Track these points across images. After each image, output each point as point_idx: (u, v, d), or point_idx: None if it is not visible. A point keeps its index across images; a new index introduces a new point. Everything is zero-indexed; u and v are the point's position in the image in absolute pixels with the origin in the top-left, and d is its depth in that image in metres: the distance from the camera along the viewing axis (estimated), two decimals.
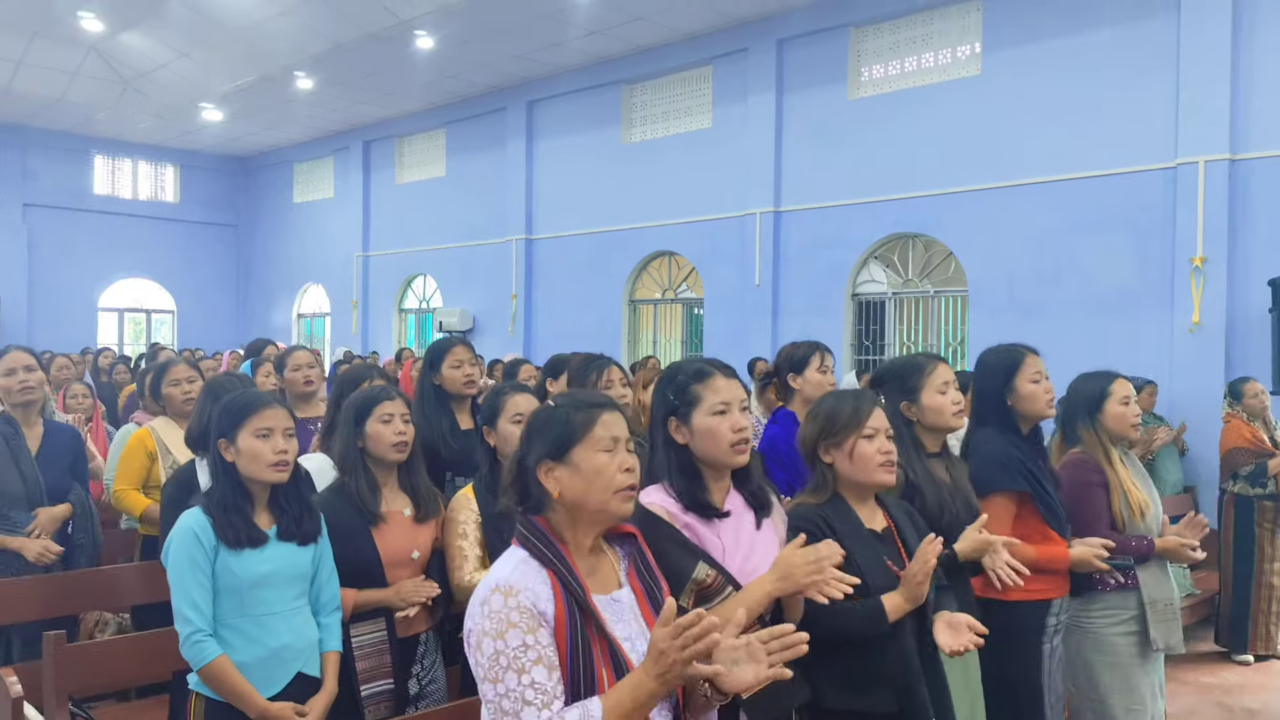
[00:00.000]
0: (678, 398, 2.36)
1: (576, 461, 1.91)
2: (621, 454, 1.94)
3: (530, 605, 1.79)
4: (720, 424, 2.31)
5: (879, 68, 10.54)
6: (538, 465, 1.93)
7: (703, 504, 2.32)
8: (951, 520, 2.91)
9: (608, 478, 1.90)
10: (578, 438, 1.92)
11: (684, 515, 2.29)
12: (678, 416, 2.35)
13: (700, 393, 2.34)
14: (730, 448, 2.31)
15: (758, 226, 11.18)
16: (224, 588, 2.60)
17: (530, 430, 1.99)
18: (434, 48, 12.31)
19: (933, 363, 3.14)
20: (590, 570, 1.94)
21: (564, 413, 1.96)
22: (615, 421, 1.96)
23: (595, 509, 1.91)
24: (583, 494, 1.90)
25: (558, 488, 1.91)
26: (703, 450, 2.32)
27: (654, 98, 12.76)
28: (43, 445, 4.09)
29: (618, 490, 1.91)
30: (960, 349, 10.03)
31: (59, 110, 16.11)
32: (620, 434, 1.95)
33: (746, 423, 2.36)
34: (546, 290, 13.93)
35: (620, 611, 1.94)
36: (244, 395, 2.75)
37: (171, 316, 19.59)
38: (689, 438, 2.33)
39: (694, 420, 2.32)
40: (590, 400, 1.99)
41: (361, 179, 17.11)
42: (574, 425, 1.93)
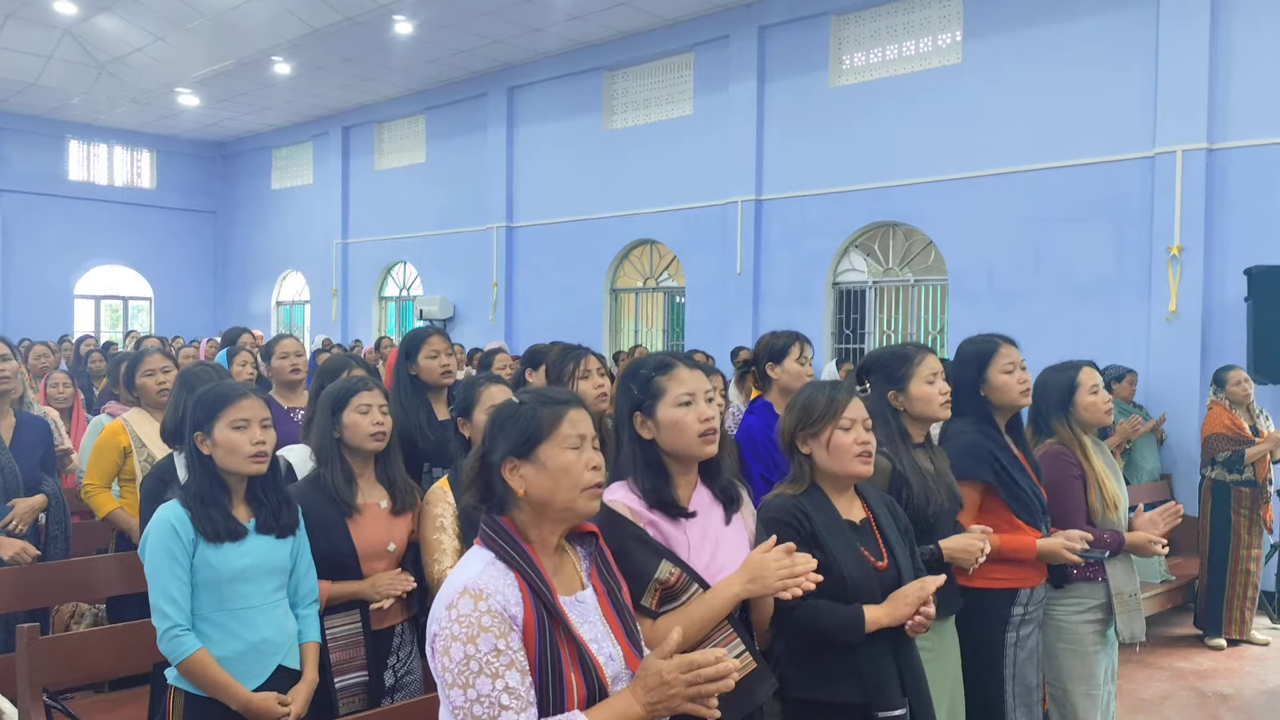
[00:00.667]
0: (641, 391, 2.33)
1: (543, 459, 1.88)
2: (588, 451, 1.91)
3: (501, 609, 1.76)
4: (686, 415, 2.29)
5: (860, 55, 10.53)
6: (503, 462, 1.89)
7: (668, 501, 2.29)
8: (938, 510, 2.93)
9: (575, 475, 1.88)
10: (544, 435, 1.89)
11: (648, 513, 2.27)
12: (642, 411, 2.32)
13: (664, 384, 2.31)
14: (698, 438, 2.28)
15: (739, 215, 11.17)
16: (202, 582, 2.57)
17: (494, 426, 1.95)
18: (413, 32, 12.21)
19: (921, 353, 3.15)
20: (554, 570, 1.92)
21: (530, 409, 1.92)
22: (582, 418, 1.93)
23: (562, 507, 1.89)
24: (549, 492, 1.87)
25: (523, 486, 1.88)
26: (669, 443, 2.30)
27: (635, 85, 12.71)
28: (15, 436, 4.05)
29: (585, 488, 1.89)
30: (940, 338, 10.07)
31: (32, 94, 15.89)
32: (587, 431, 1.93)
33: (713, 413, 2.33)
34: (528, 278, 13.88)
35: (585, 612, 1.92)
36: (219, 387, 2.72)
37: (149, 304, 19.41)
38: (655, 431, 2.31)
39: (659, 413, 2.30)
40: (556, 397, 1.97)
41: (341, 165, 16.97)
42: (540, 422, 1.90)
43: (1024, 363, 3.41)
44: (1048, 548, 3.23)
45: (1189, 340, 8.08)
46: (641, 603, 2.18)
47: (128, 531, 4.18)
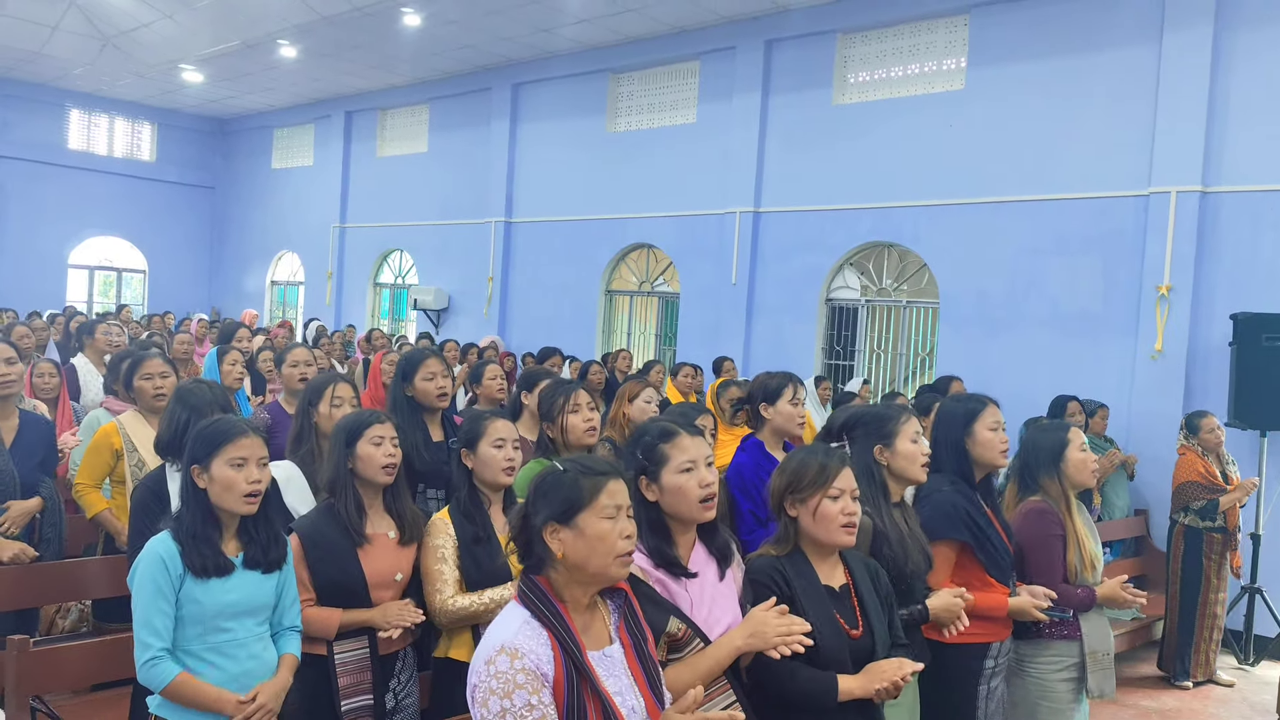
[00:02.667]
0: (646, 457, 2.48)
1: (581, 526, 2.04)
2: (623, 521, 2.07)
3: (534, 668, 1.93)
4: (688, 481, 2.46)
5: (865, 74, 10.59)
6: (544, 526, 2.05)
7: (671, 561, 2.46)
8: (914, 569, 3.02)
9: (610, 544, 2.04)
10: (584, 503, 2.05)
11: (655, 571, 2.44)
12: (647, 475, 2.47)
13: (668, 452, 2.48)
14: (699, 504, 2.46)
15: (737, 225, 11.24)
16: (188, 616, 2.62)
17: (538, 491, 2.10)
18: (421, 25, 12.22)
19: (905, 412, 3.25)
20: (585, 627, 2.08)
21: (572, 478, 2.08)
22: (619, 490, 2.09)
23: (595, 572, 2.05)
24: (585, 558, 2.03)
25: (561, 549, 2.04)
26: (672, 506, 2.46)
27: (640, 89, 12.75)
28: (17, 437, 4.10)
29: (618, 556, 2.05)
30: (929, 359, 10.17)
31: (37, 63, 15.84)
32: (623, 502, 2.08)
33: (713, 478, 2.48)
34: (523, 274, 13.93)
35: (611, 666, 2.07)
36: (220, 422, 2.77)
37: (143, 276, 19.38)
38: (659, 495, 2.46)
39: (663, 478, 2.46)
40: (597, 468, 2.12)
41: (342, 149, 16.97)
42: (581, 491, 2.06)
43: (1004, 425, 3.49)
44: (1018, 606, 3.33)
45: (1173, 380, 8.19)
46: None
47: (114, 534, 4.23)
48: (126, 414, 4.47)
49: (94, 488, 4.30)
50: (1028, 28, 9.20)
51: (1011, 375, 8.94)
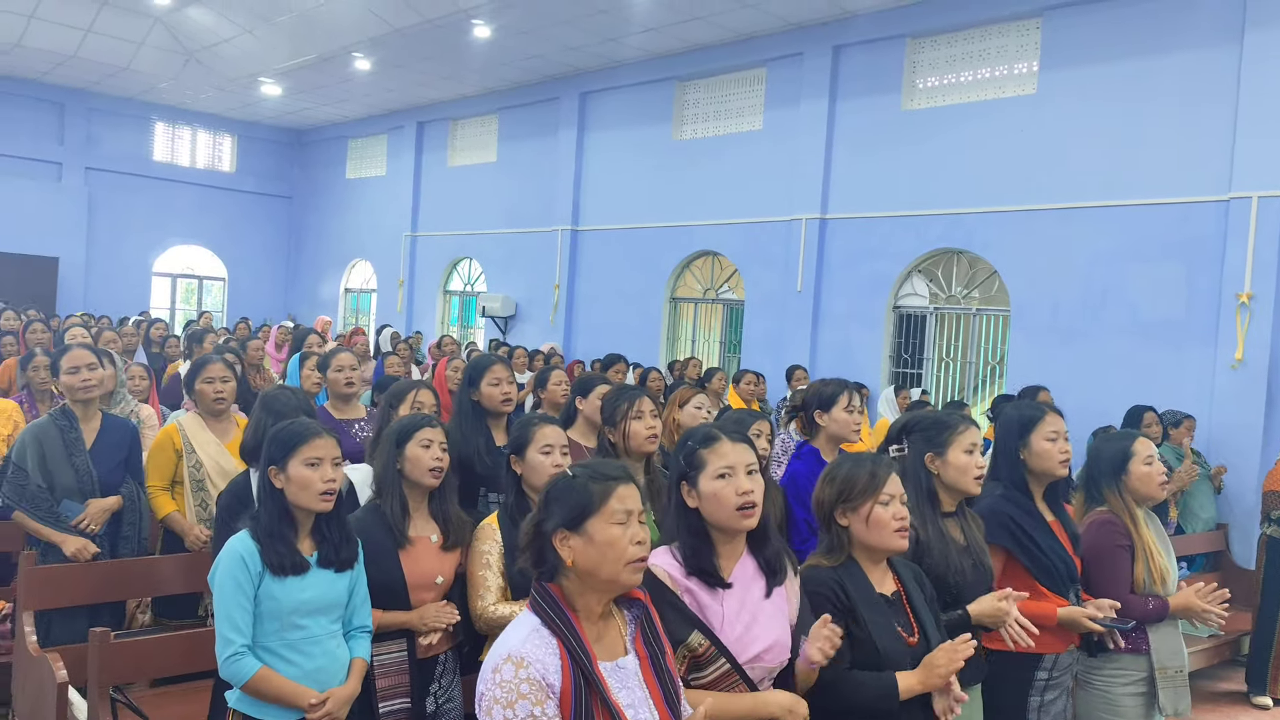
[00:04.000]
0: (687, 462, 2.43)
1: (591, 532, 1.99)
2: (634, 527, 2.02)
3: (539, 677, 1.89)
4: (724, 488, 2.36)
5: (934, 79, 10.47)
6: (554, 533, 2.02)
7: (707, 569, 2.36)
8: (959, 581, 2.96)
9: (620, 550, 1.99)
10: (594, 509, 2.00)
11: (685, 580, 2.35)
12: (688, 480, 2.42)
13: (707, 457, 2.40)
14: (735, 511, 2.35)
15: (803, 232, 11.18)
16: (265, 612, 2.71)
17: (548, 498, 2.07)
18: (491, 36, 12.41)
19: (965, 423, 3.18)
20: (598, 636, 2.03)
21: (581, 483, 2.04)
22: (630, 494, 2.04)
23: (607, 579, 2.01)
24: (595, 564, 1.99)
25: (571, 556, 2.00)
26: (710, 514, 2.38)
27: (706, 96, 12.77)
28: (98, 438, 4.24)
29: (629, 562, 2.00)
30: (999, 368, 9.99)
31: (124, 78, 16.44)
32: (634, 507, 2.04)
33: (751, 486, 2.39)
34: (589, 282, 14.03)
35: (625, 678, 2.02)
36: (295, 425, 2.87)
37: (222, 284, 19.97)
38: (698, 501, 2.39)
39: (701, 484, 2.39)
40: (607, 472, 2.08)
41: (414, 159, 17.29)
42: (590, 496, 2.01)
43: (1067, 434, 3.42)
44: (1069, 616, 3.24)
45: (1254, 389, 7.93)
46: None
47: (181, 534, 4.32)
48: (186, 416, 4.56)
49: (163, 489, 4.38)
50: (1102, 29, 9.01)
51: (1086, 385, 8.74)
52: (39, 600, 3.86)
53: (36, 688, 3.50)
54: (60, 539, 4.03)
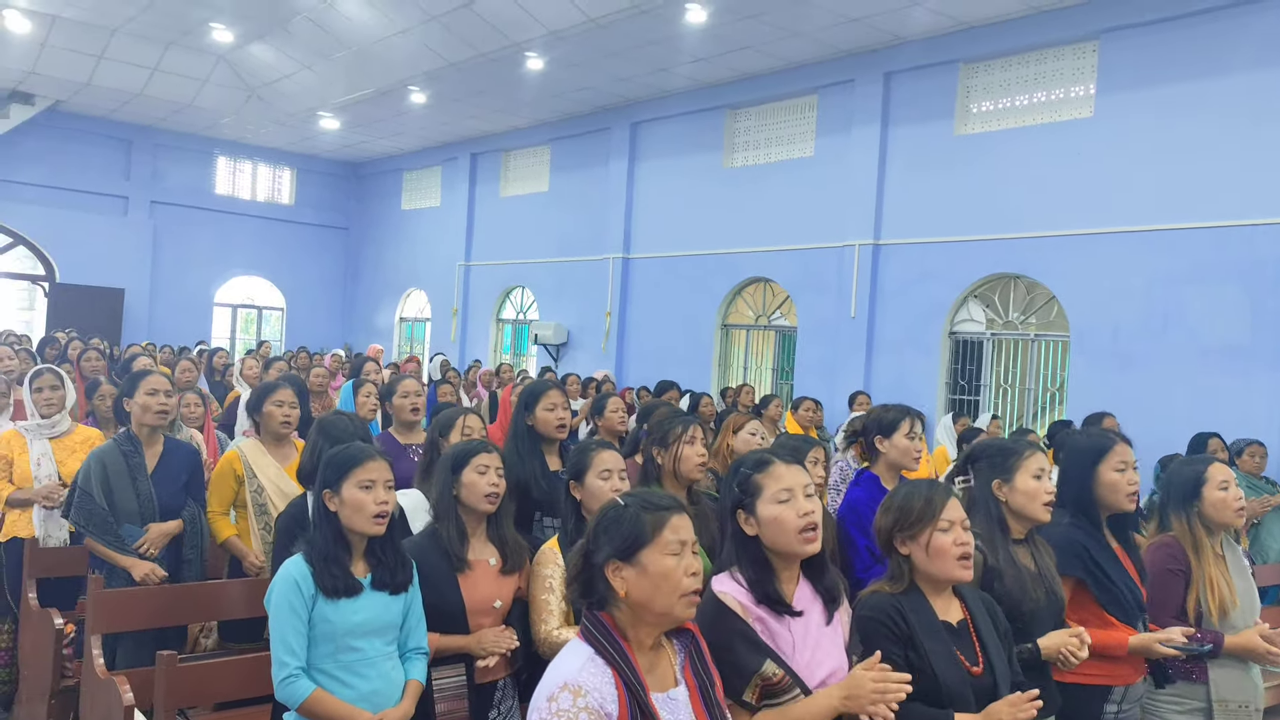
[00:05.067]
0: (742, 489, 2.40)
1: (644, 563, 1.98)
2: (688, 558, 2.00)
3: (597, 706, 1.87)
4: (785, 511, 2.34)
5: (988, 104, 10.39)
6: (606, 563, 2.00)
7: (774, 598, 2.34)
8: (1033, 609, 2.89)
9: (674, 581, 1.97)
10: (646, 540, 1.99)
11: (755, 608, 2.32)
12: (744, 508, 2.39)
13: (763, 482, 2.38)
14: (798, 534, 2.33)
15: (856, 258, 11.12)
16: (320, 635, 2.74)
17: (599, 528, 2.05)
18: (543, 69, 12.57)
19: (1031, 448, 3.13)
20: (650, 667, 2.01)
21: (633, 513, 2.02)
22: (683, 524, 2.03)
23: (660, 611, 1.99)
24: (649, 596, 1.97)
25: (625, 587, 1.98)
26: (771, 539, 2.36)
27: (757, 124, 12.79)
28: (160, 463, 4.32)
29: (683, 594, 1.98)
30: (1059, 394, 9.81)
31: (188, 115, 16.92)
32: (687, 537, 2.02)
33: (812, 507, 2.37)
34: (641, 309, 14.07)
35: (676, 709, 2.01)
36: (350, 449, 2.90)
37: (281, 314, 20.35)
38: (757, 528, 2.37)
39: (759, 510, 2.36)
40: (659, 502, 2.06)
41: (467, 190, 17.53)
42: (643, 527, 2.00)
43: (1135, 464, 3.34)
44: (1140, 643, 3.15)
45: None
46: (743, 697, 2.24)
47: (240, 558, 4.40)
48: (248, 442, 4.65)
49: (223, 514, 4.48)
50: (1159, 51, 8.88)
51: (1149, 411, 8.54)
52: (106, 624, 3.93)
53: (104, 710, 3.56)
54: (130, 564, 4.11)
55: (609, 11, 10.40)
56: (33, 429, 4.91)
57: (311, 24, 12.73)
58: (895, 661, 2.37)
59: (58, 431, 4.95)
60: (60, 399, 4.95)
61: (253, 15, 12.77)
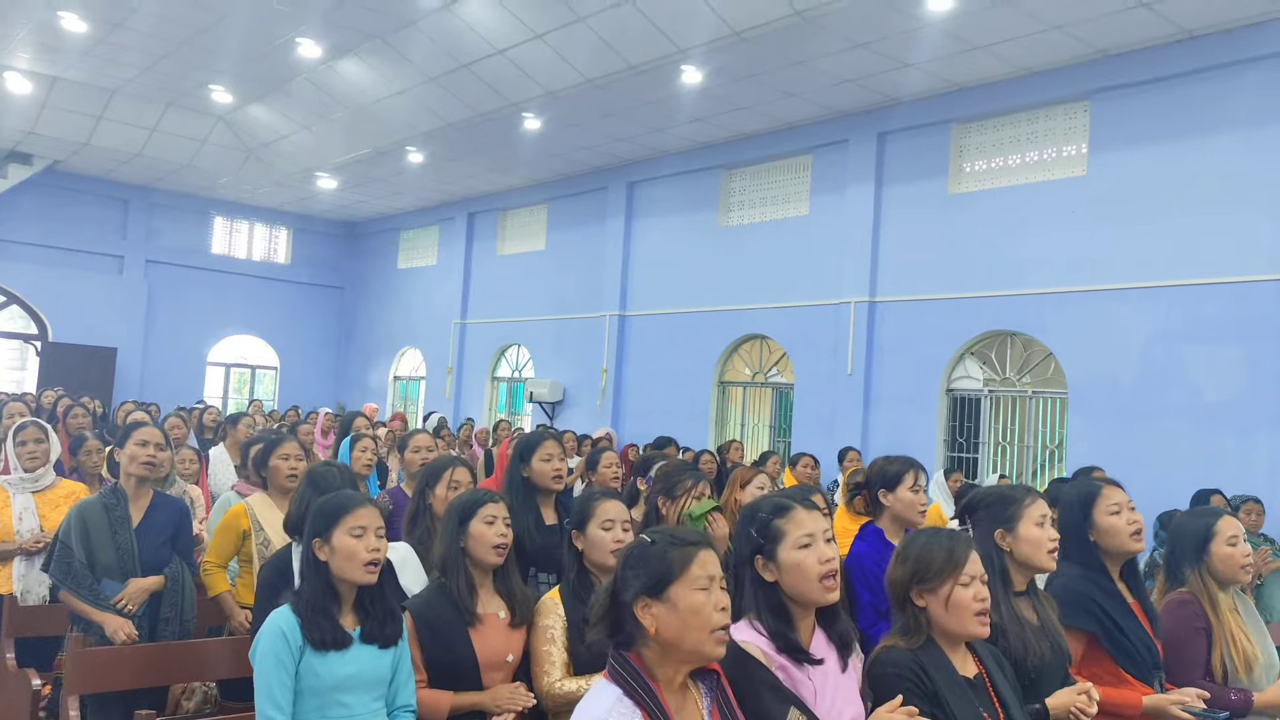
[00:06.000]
0: (761, 534, 2.37)
1: (674, 599, 1.95)
2: (716, 593, 1.98)
3: None
4: (807, 557, 2.32)
5: (981, 163, 10.47)
6: (635, 601, 1.97)
7: (794, 646, 2.31)
8: (1038, 664, 2.79)
9: (704, 617, 1.94)
10: (675, 575, 1.96)
11: (777, 656, 2.29)
12: (763, 554, 2.36)
13: (783, 527, 2.35)
14: (819, 581, 2.31)
15: (852, 315, 11.11)
16: (306, 688, 2.64)
17: (626, 565, 2.03)
18: (540, 129, 12.69)
19: (1030, 495, 3.06)
20: (678, 708, 1.97)
21: (661, 549, 2.00)
22: (711, 560, 2.00)
23: (691, 649, 1.95)
24: (679, 632, 1.94)
25: (654, 624, 1.95)
26: (792, 586, 2.33)
27: (752, 183, 12.89)
28: (145, 517, 4.21)
29: (714, 630, 1.95)
30: (1058, 452, 9.73)
31: (185, 175, 17.03)
32: (715, 573, 1.99)
33: (833, 554, 2.35)
34: (637, 366, 14.03)
35: None
36: (338, 496, 2.84)
37: (274, 372, 20.28)
38: (777, 574, 2.33)
39: (780, 555, 2.34)
40: (686, 538, 2.04)
41: (464, 248, 17.59)
42: (671, 562, 1.98)
43: (1132, 504, 3.26)
44: (1155, 705, 3.02)
45: None
46: None
47: (229, 614, 4.32)
48: (254, 496, 4.63)
49: (220, 568, 4.44)
50: (1151, 111, 8.97)
51: (1149, 468, 8.46)
52: (85, 684, 3.78)
53: None
54: (101, 618, 3.97)
55: (606, 72, 10.52)
56: (15, 483, 4.83)
57: (311, 85, 12.87)
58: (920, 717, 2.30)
59: (41, 485, 4.88)
60: (44, 452, 4.88)
61: (252, 76, 12.91)
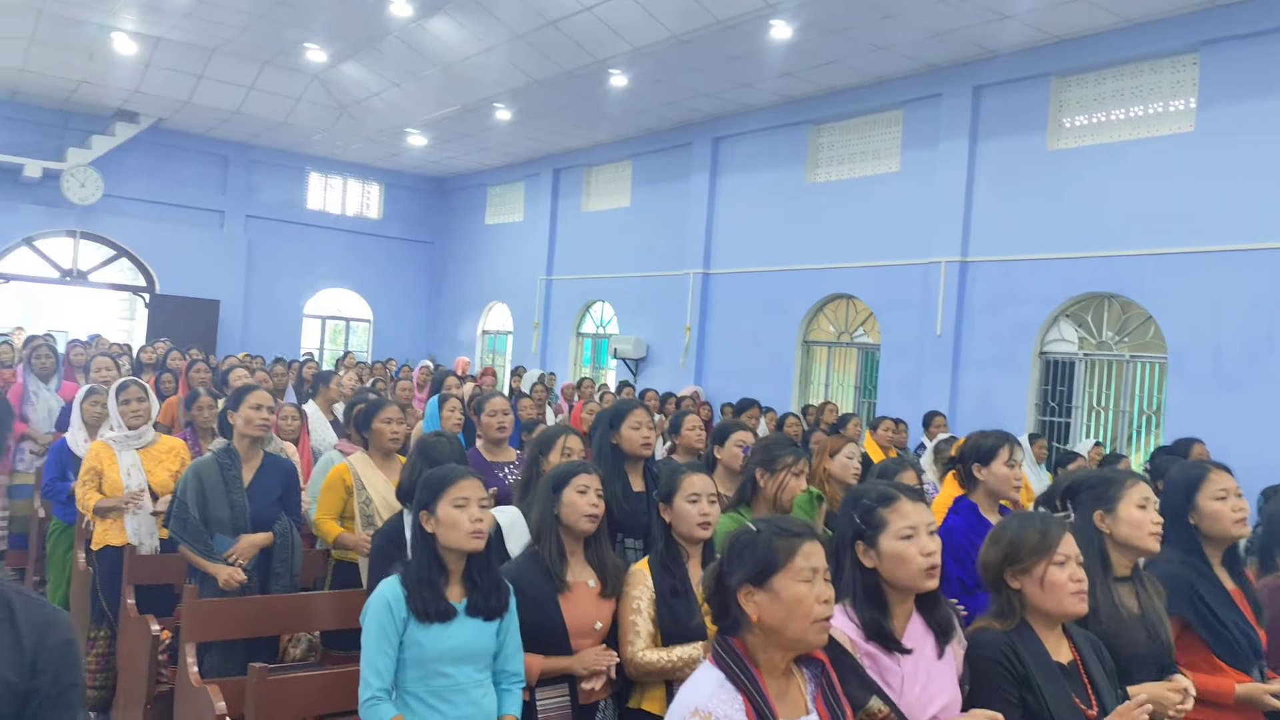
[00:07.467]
0: (864, 521, 2.39)
1: (777, 589, 2.00)
2: (820, 585, 2.02)
3: None
4: (909, 548, 2.34)
5: (1083, 118, 10.12)
6: (738, 588, 2.02)
7: (885, 634, 2.34)
8: (1131, 653, 2.77)
9: (807, 608, 1.99)
10: (779, 565, 2.01)
11: (865, 644, 2.32)
12: (864, 540, 2.38)
13: (887, 517, 2.38)
14: (920, 572, 2.34)
15: (942, 275, 10.91)
16: (410, 659, 2.74)
17: (732, 552, 2.08)
18: (627, 85, 12.64)
19: (1132, 478, 3.02)
20: (780, 694, 2.02)
21: (766, 539, 2.05)
22: (815, 551, 2.04)
23: (793, 637, 2.00)
24: (781, 622, 1.99)
25: (757, 612, 2.00)
26: (891, 574, 2.36)
27: (841, 139, 12.67)
28: (257, 476, 4.44)
29: (815, 621, 1.99)
30: (1156, 418, 9.47)
31: (281, 132, 17.42)
32: (819, 564, 2.03)
33: (935, 546, 2.37)
34: (720, 324, 14.02)
35: None
36: (444, 470, 2.93)
37: (368, 325, 20.79)
38: (877, 561, 2.36)
39: (881, 544, 2.36)
40: (791, 528, 2.08)
41: (550, 205, 17.70)
42: (776, 552, 2.02)
43: (1239, 490, 3.19)
44: (1248, 693, 2.97)
45: None
46: None
47: (354, 547, 4.51)
48: (356, 455, 4.81)
49: (330, 519, 4.64)
50: (1262, 63, 8.54)
51: (1252, 437, 8.20)
52: (201, 632, 4.03)
53: (196, 718, 3.65)
54: (213, 569, 4.22)
55: (693, 28, 10.41)
56: (120, 440, 5.01)
57: (402, 43, 13.01)
58: (1011, 702, 2.34)
59: (144, 442, 5.06)
60: (146, 410, 5.06)
61: (345, 35, 13.11)
